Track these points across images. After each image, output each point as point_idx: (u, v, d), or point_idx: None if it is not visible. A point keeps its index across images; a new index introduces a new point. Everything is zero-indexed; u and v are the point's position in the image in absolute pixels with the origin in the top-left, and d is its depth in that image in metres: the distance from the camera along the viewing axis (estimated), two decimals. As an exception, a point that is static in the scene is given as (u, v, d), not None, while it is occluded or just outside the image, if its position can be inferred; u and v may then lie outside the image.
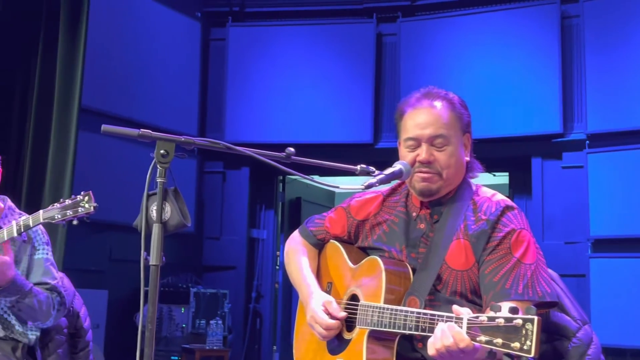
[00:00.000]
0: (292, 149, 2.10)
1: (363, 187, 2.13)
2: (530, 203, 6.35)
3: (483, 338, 1.76)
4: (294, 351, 2.51)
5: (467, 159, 2.31)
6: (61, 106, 5.29)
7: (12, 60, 5.53)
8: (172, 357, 6.24)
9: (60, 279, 3.01)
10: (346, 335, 2.26)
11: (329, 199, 8.67)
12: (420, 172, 2.23)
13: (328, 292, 2.41)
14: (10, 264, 2.74)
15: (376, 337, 2.15)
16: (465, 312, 1.86)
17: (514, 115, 6.18)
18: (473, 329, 1.79)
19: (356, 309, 2.23)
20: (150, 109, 6.32)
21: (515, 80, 6.21)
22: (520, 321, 1.69)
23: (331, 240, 2.49)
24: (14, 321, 2.92)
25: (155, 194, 2.01)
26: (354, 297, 2.29)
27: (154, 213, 2.01)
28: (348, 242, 2.46)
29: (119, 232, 5.91)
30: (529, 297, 2.08)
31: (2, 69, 5.41)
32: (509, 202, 2.25)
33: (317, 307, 2.28)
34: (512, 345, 1.69)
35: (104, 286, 5.94)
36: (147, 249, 1.98)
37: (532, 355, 1.68)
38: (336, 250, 2.44)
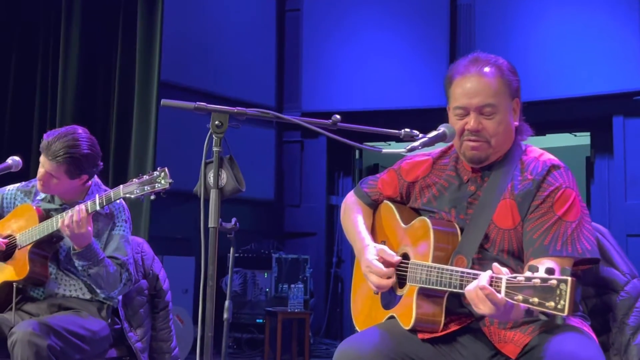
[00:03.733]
0: (337, 116, 2.19)
1: (405, 150, 2.21)
2: (612, 162, 6.22)
3: (520, 297, 1.85)
4: (351, 306, 2.64)
5: (516, 123, 2.32)
6: (142, 81, 5.52)
7: (94, 40, 5.79)
8: (257, 320, 6.50)
9: (131, 255, 3.17)
10: (398, 292, 2.35)
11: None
12: (470, 140, 2.27)
13: None
14: (90, 232, 2.96)
15: (425, 293, 2.24)
16: (505, 272, 1.93)
17: (594, 73, 6.04)
18: (511, 288, 1.87)
19: (407, 267, 2.32)
20: (228, 81, 6.50)
21: (594, 38, 6.06)
22: (555, 282, 1.78)
23: (385, 201, 2.57)
24: (98, 286, 3.14)
25: (212, 162, 2.16)
26: (405, 256, 2.38)
27: (211, 180, 2.16)
28: (400, 202, 2.54)
29: (203, 200, 6.15)
30: (568, 253, 2.12)
31: (85, 50, 5.68)
32: (556, 160, 2.27)
33: (371, 257, 2.36)
34: (547, 304, 1.78)
35: (191, 253, 6.21)
36: (206, 213, 2.13)
37: (565, 313, 1.76)
38: (389, 211, 2.53)
